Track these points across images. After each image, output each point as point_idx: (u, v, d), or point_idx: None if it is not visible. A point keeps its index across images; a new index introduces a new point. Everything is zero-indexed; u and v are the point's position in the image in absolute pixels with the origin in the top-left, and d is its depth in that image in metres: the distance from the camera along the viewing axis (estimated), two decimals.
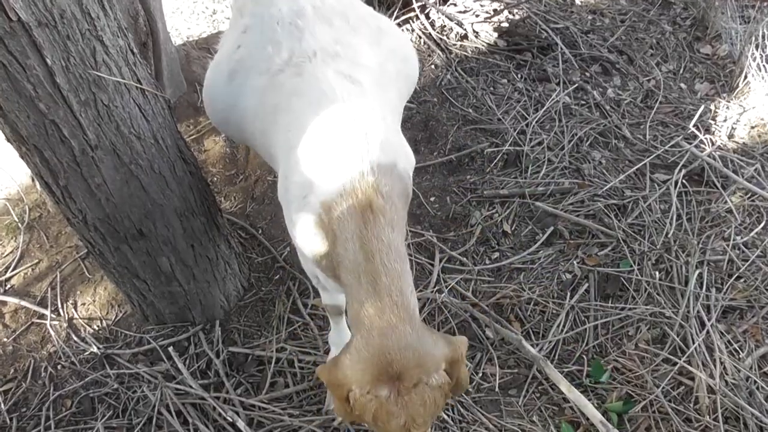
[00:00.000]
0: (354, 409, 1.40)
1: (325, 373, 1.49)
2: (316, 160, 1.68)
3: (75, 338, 2.59)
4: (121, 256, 2.23)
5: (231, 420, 2.26)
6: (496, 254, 2.80)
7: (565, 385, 2.29)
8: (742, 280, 2.53)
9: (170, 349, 2.48)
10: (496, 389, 2.34)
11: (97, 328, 2.63)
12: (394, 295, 1.45)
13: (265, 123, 1.92)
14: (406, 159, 1.81)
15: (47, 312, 2.65)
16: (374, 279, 1.46)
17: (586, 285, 2.62)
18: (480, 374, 2.38)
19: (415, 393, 1.37)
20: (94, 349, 2.54)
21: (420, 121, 3.27)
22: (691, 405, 2.20)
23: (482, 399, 2.32)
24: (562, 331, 2.49)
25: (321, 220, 1.64)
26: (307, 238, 1.71)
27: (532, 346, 2.41)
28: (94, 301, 2.70)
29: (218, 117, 2.20)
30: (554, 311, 2.56)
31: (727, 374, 2.23)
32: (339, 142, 1.67)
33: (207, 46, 3.54)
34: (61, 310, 2.67)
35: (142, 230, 2.15)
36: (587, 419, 2.22)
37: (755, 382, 2.21)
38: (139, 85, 1.92)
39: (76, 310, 2.68)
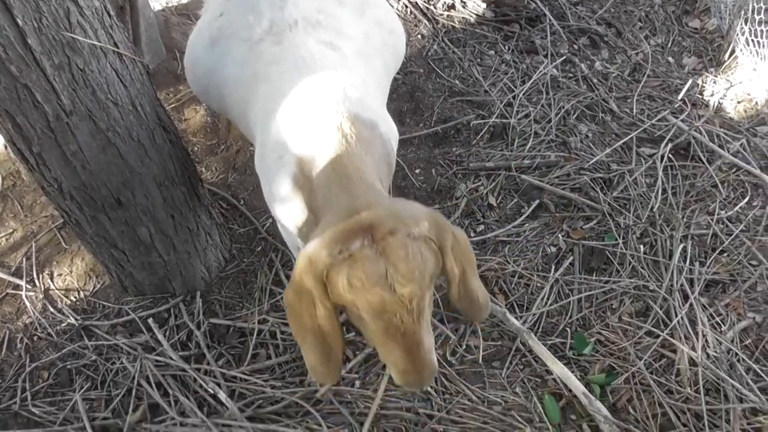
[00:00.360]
0: (330, 283, 1.24)
1: (295, 275, 1.32)
2: (292, 120, 1.64)
3: (51, 309, 2.53)
4: (99, 225, 2.17)
5: (212, 391, 2.23)
6: (482, 227, 2.78)
7: (548, 358, 2.28)
8: (725, 255, 2.53)
9: (150, 320, 2.44)
10: (480, 361, 2.33)
11: (74, 299, 2.58)
12: (360, 176, 1.40)
13: (245, 93, 1.88)
14: (388, 127, 1.77)
15: (22, 282, 2.60)
16: (347, 180, 1.40)
17: (571, 258, 2.61)
18: (464, 347, 2.37)
19: (393, 239, 1.20)
20: (72, 321, 2.49)
21: (406, 92, 3.22)
22: (673, 377, 2.21)
23: (465, 371, 2.31)
24: (546, 303, 2.48)
25: (297, 178, 1.59)
26: (285, 203, 1.67)
27: (516, 318, 2.40)
28: (71, 271, 2.64)
29: (199, 85, 2.15)
30: (539, 284, 2.55)
31: (708, 347, 2.23)
32: (316, 100, 1.63)
33: (187, 12, 3.45)
34: (36, 281, 2.62)
35: (120, 199, 2.10)
36: (570, 391, 2.22)
37: (736, 354, 2.22)
38: (115, 49, 1.86)
39: (52, 281, 2.63)
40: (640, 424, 2.12)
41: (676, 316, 2.31)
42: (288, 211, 1.68)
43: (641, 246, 2.58)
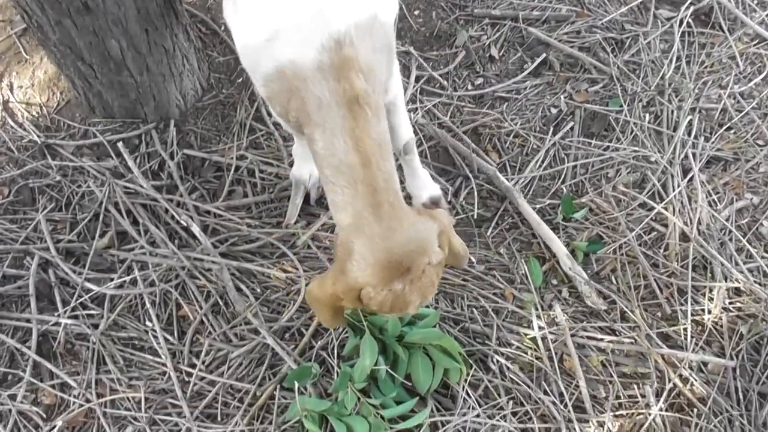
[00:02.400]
0: (371, 304, 1.42)
1: (329, 284, 1.47)
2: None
3: (11, 123, 2.34)
4: (64, 32, 1.94)
5: (185, 224, 2.12)
6: (480, 80, 2.60)
7: (534, 219, 2.21)
8: (732, 132, 2.42)
9: (119, 144, 2.27)
10: (466, 220, 2.25)
11: (36, 115, 2.38)
12: (390, 198, 1.41)
13: None
14: (387, 6, 1.56)
15: None
16: (373, 188, 1.40)
17: (572, 123, 2.47)
18: (450, 203, 2.27)
19: (425, 277, 1.42)
20: (34, 137, 2.31)
21: None
22: (661, 251, 2.16)
23: None
24: (540, 167, 2.37)
25: (287, 77, 1.43)
26: (268, 88, 1.51)
27: (506, 179, 2.30)
28: (32, 84, 2.42)
29: None
30: (535, 146, 2.42)
31: (701, 224, 2.17)
32: None
33: None
34: None
35: (88, 3, 1.86)
36: (553, 256, 2.16)
37: (729, 232, 2.16)
38: None
39: (11, 93, 2.41)
40: (620, 293, 2.09)
41: (674, 189, 2.23)
42: (270, 93, 1.53)
43: (646, 115, 2.45)
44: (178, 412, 1.87)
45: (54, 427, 1.83)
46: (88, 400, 1.88)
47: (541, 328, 1.99)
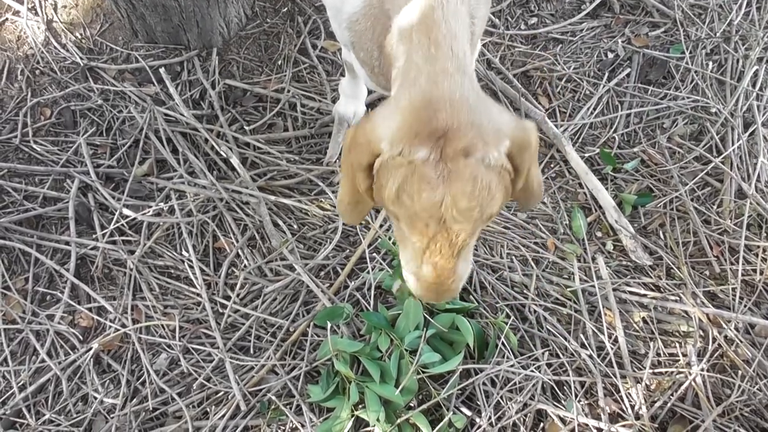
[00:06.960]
0: (377, 178, 1.05)
1: (351, 132, 1.13)
2: None
3: (55, 43, 2.31)
4: None
5: (224, 155, 2.09)
6: (534, 19, 2.48)
7: (582, 168, 2.12)
8: None
9: (161, 71, 2.23)
10: None
11: (79, 36, 2.34)
12: (453, 48, 1.07)
13: None
14: None
15: (23, 8, 2.34)
16: (429, 31, 1.08)
17: (628, 68, 2.35)
18: None
19: (464, 164, 0.97)
20: (76, 59, 2.28)
21: None
22: (714, 207, 2.06)
23: None
24: (591, 114, 2.27)
25: (373, 4, 1.29)
26: (353, 32, 1.38)
27: (555, 125, 2.21)
28: (76, 4, 2.38)
29: None
30: (587, 92, 2.32)
31: (760, 180, 2.07)
32: None
33: None
34: (38, 10, 2.36)
35: None
36: (599, 207, 2.09)
37: None
38: None
39: (56, 13, 2.37)
40: (668, 249, 2.01)
41: (733, 143, 2.11)
42: (354, 37, 1.40)
43: (709, 63, 2.31)
44: (212, 343, 1.87)
45: (90, 349, 1.85)
46: (123, 325, 1.89)
47: (582, 280, 1.93)
